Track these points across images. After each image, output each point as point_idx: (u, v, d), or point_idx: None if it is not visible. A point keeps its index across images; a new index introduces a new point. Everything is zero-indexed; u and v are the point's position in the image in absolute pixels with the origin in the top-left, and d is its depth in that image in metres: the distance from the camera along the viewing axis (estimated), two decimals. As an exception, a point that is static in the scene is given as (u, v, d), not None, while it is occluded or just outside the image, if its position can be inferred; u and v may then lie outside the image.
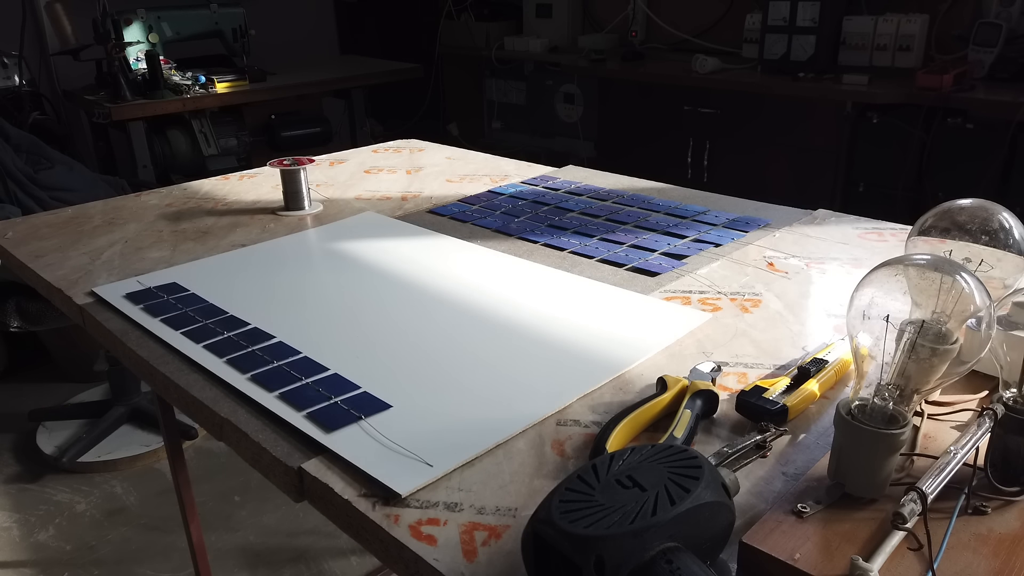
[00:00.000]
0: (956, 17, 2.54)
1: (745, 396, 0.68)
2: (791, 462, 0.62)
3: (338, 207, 1.31)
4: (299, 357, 0.80)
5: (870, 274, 0.60)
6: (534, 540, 0.48)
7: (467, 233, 1.16)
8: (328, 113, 3.42)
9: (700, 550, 0.47)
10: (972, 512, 0.53)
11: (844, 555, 0.48)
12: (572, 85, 3.50)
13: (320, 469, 0.63)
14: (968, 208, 0.74)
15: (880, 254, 1.02)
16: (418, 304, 0.93)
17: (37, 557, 1.90)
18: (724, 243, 1.08)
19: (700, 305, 0.90)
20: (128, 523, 2.01)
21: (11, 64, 2.95)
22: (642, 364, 0.78)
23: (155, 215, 1.29)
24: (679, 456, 0.50)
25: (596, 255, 1.05)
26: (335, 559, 1.85)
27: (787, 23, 2.60)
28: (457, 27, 3.88)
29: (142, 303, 0.93)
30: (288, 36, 3.79)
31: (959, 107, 2.24)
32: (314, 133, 3.24)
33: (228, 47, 3.11)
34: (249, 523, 1.98)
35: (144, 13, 2.88)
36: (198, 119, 2.98)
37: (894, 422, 0.53)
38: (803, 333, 0.83)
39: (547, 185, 1.38)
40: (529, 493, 0.60)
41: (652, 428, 0.67)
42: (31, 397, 2.58)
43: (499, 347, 0.82)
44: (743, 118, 2.72)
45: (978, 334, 0.56)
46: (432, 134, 1.95)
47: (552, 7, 3.60)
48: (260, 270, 1.04)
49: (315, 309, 0.92)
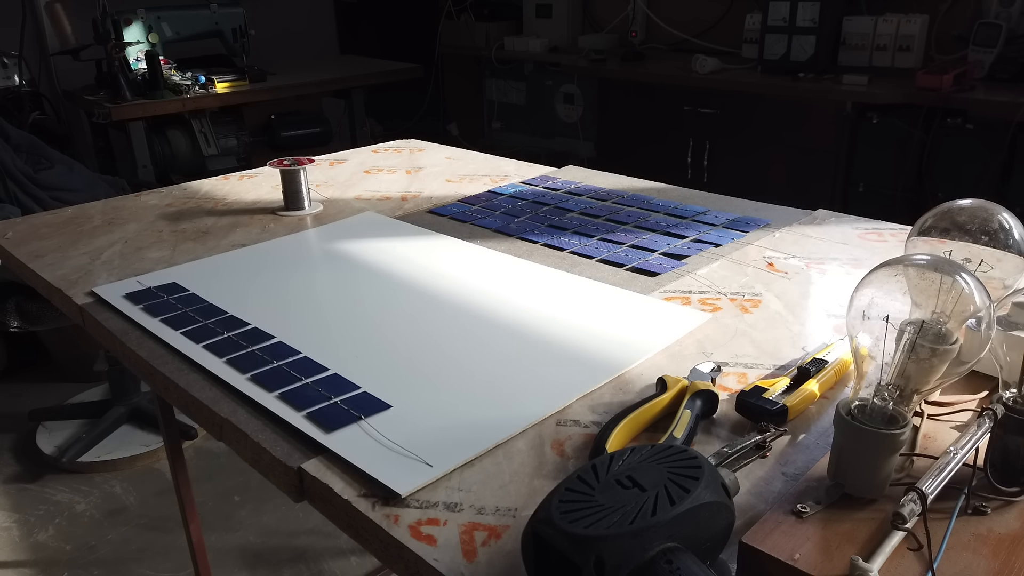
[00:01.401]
0: (956, 17, 2.54)
1: (745, 396, 0.68)
2: (791, 462, 0.62)
3: (338, 207, 1.31)
4: (299, 357, 0.80)
5: (870, 274, 0.60)
6: (534, 540, 0.48)
7: (467, 233, 1.16)
8: (328, 113, 3.42)
9: (700, 550, 0.47)
10: (972, 512, 0.53)
11: (844, 555, 0.48)
12: (572, 85, 3.50)
13: (320, 469, 0.63)
14: (968, 208, 0.74)
15: (880, 254, 1.02)
16: (418, 304, 0.93)
17: (37, 557, 1.90)
18: (724, 243, 1.08)
19: (700, 305, 0.90)
20: (128, 523, 2.01)
21: (11, 64, 2.95)
22: (642, 364, 0.78)
23: (155, 215, 1.29)
24: (679, 456, 0.50)
25: (596, 255, 1.05)
26: (335, 559, 1.85)
27: (787, 23, 2.60)
28: (457, 27, 3.88)
29: (142, 303, 0.93)
30: (288, 36, 3.79)
31: (959, 107, 2.24)
32: (314, 133, 3.24)
33: (228, 47, 3.11)
34: (249, 523, 1.98)
35: (144, 13, 2.88)
36: (198, 119, 2.98)
37: (894, 422, 0.53)
38: (803, 333, 0.83)
39: (547, 185, 1.38)
40: (529, 493, 0.60)
41: (652, 428, 0.67)
42: (31, 397, 2.58)
43: (499, 347, 0.82)
44: (743, 118, 2.72)
45: (978, 334, 0.56)
46: (432, 134, 1.95)
47: (552, 7, 3.60)
48: (260, 270, 1.04)
49: (315, 309, 0.92)
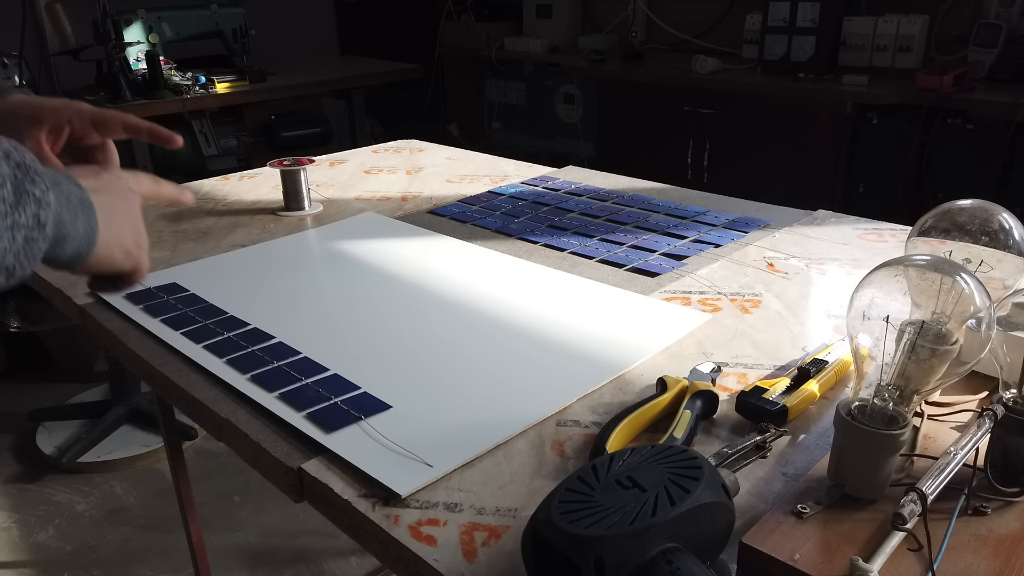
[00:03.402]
0: (956, 18, 2.54)
1: (745, 397, 0.68)
2: (791, 463, 0.62)
3: (338, 207, 1.31)
4: (299, 357, 0.80)
5: (870, 275, 0.60)
6: (534, 540, 0.48)
7: (467, 234, 1.16)
8: (328, 113, 3.42)
9: (700, 551, 0.47)
10: (972, 513, 0.53)
11: (844, 556, 0.48)
12: (572, 86, 3.50)
13: (320, 469, 0.63)
14: (968, 209, 0.74)
15: (880, 255, 1.02)
16: (418, 304, 0.93)
17: (37, 557, 1.90)
18: (724, 244, 1.08)
19: (700, 306, 0.90)
20: (128, 523, 2.01)
21: (11, 64, 2.95)
22: (642, 365, 0.78)
23: (155, 215, 1.29)
24: (679, 456, 0.50)
25: (596, 256, 1.05)
26: (335, 559, 1.85)
27: (787, 24, 2.60)
28: (457, 27, 3.88)
29: (142, 303, 0.93)
30: (288, 36, 3.79)
31: (959, 108, 2.24)
32: (314, 133, 3.24)
33: (228, 47, 3.11)
34: (249, 523, 1.98)
35: (144, 13, 2.87)
36: (198, 119, 2.98)
37: (894, 423, 0.53)
38: (803, 334, 0.83)
39: (547, 186, 1.38)
40: (529, 493, 0.60)
41: (652, 429, 0.67)
42: (31, 397, 2.58)
43: (499, 347, 0.82)
44: (743, 119, 2.73)
45: (978, 335, 0.56)
46: (432, 134, 1.95)
47: (552, 7, 3.60)
48: (260, 270, 1.04)
49: (315, 309, 0.92)
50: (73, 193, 0.54)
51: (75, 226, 0.53)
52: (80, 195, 0.55)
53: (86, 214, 0.55)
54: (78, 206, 0.54)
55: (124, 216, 0.61)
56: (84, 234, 0.55)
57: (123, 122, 0.76)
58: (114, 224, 0.59)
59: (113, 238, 0.58)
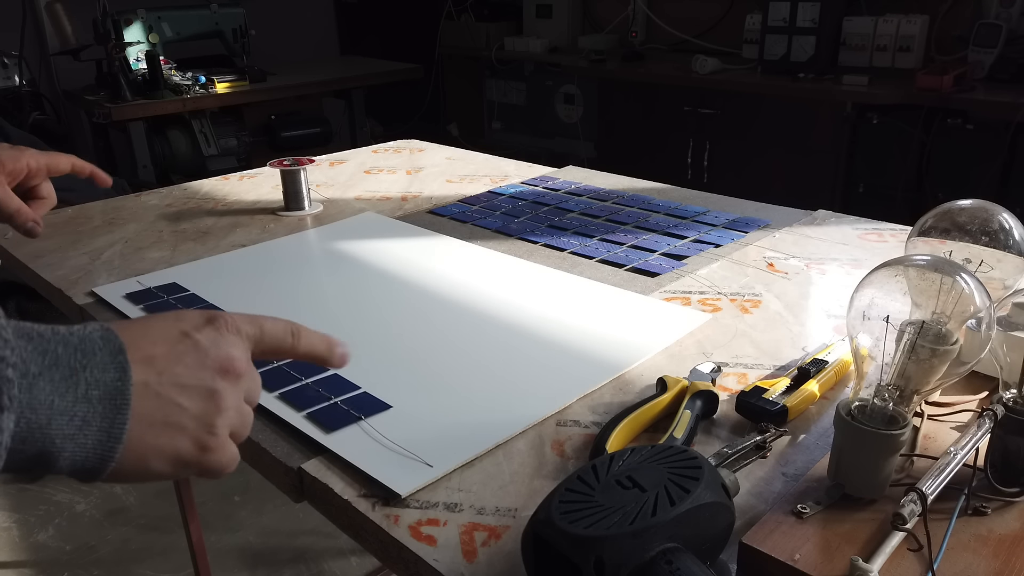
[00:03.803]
0: (956, 18, 2.54)
1: (745, 397, 0.68)
2: (791, 463, 0.62)
3: (338, 207, 1.31)
4: (299, 357, 0.80)
5: (870, 275, 0.60)
6: (534, 540, 0.48)
7: (467, 234, 1.16)
8: (328, 113, 3.43)
9: (700, 551, 0.47)
10: (972, 513, 0.53)
11: (844, 556, 0.48)
12: (572, 86, 3.50)
13: (320, 469, 0.63)
14: (968, 209, 0.74)
15: (880, 255, 1.02)
16: (418, 304, 0.93)
17: (37, 557, 1.90)
18: (724, 244, 1.08)
19: (700, 306, 0.90)
20: (128, 523, 2.01)
21: (11, 64, 2.95)
22: (642, 365, 0.78)
23: (155, 215, 1.29)
24: (679, 456, 0.50)
25: (596, 256, 1.05)
26: (335, 559, 1.85)
27: (787, 24, 2.60)
28: (457, 27, 3.88)
29: (142, 303, 0.93)
30: (288, 36, 3.79)
31: (959, 108, 2.24)
32: (314, 133, 3.25)
33: (228, 47, 3.11)
34: (249, 523, 1.98)
35: (144, 13, 2.88)
36: (198, 119, 2.98)
37: (894, 423, 0.53)
38: (803, 334, 0.83)
39: (547, 186, 1.38)
40: (529, 493, 0.60)
41: (652, 429, 0.67)
42: (31, 397, 2.57)
43: (499, 347, 0.82)
44: (743, 119, 2.73)
45: (978, 335, 0.56)
46: (432, 134, 1.95)
47: (552, 7, 3.60)
48: (260, 271, 1.04)
49: (315, 310, 0.92)
50: (96, 381, 0.37)
51: (75, 439, 0.37)
52: (113, 384, 0.38)
53: (106, 415, 0.38)
54: (95, 403, 0.37)
55: (195, 401, 0.43)
56: (95, 446, 0.38)
57: (72, 163, 0.87)
58: (170, 420, 0.41)
59: (155, 441, 0.40)
